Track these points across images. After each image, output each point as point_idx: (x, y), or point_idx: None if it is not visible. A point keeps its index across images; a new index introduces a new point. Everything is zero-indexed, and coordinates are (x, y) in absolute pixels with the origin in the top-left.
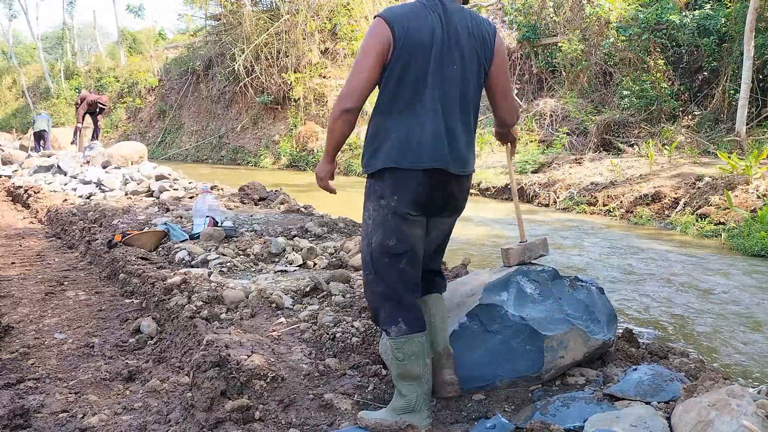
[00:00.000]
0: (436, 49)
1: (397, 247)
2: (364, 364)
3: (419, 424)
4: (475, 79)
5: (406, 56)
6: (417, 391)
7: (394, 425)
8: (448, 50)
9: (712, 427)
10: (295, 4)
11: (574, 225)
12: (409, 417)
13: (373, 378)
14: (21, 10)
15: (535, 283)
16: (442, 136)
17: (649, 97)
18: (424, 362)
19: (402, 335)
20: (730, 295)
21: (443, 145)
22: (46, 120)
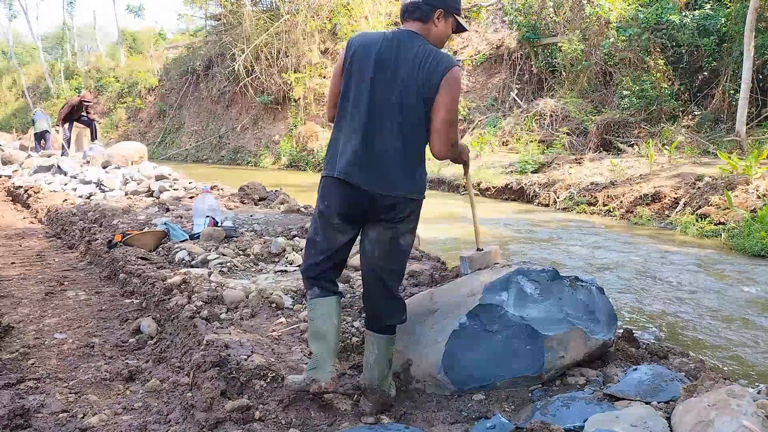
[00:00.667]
0: (376, 75)
1: (318, 243)
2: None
3: (321, 378)
4: (415, 112)
5: (348, 76)
6: (322, 348)
7: (302, 382)
8: (387, 79)
9: (712, 427)
10: (295, 4)
11: (574, 225)
12: (314, 372)
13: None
14: (21, 10)
15: (535, 283)
16: (356, 153)
17: (649, 97)
18: (331, 322)
19: (314, 298)
20: (730, 295)
21: (354, 161)
22: (46, 120)
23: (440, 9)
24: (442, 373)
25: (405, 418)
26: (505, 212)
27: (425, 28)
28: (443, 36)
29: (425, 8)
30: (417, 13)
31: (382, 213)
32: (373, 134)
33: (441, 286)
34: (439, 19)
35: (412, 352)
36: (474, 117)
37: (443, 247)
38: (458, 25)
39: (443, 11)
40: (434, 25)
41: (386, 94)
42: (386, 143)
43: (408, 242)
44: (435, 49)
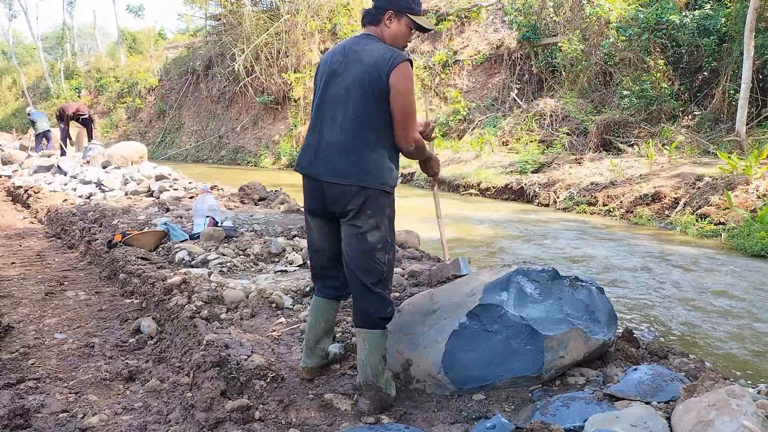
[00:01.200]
0: (327, 78)
1: (309, 241)
2: None
3: (302, 365)
4: (363, 104)
5: (316, 83)
6: (307, 340)
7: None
8: (336, 79)
9: (712, 427)
10: (295, 4)
11: (574, 225)
12: (301, 362)
13: None
14: (21, 10)
15: (535, 283)
16: (312, 147)
17: (649, 97)
18: (314, 317)
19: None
20: (730, 295)
21: (311, 155)
22: (45, 118)
23: (389, 10)
24: (442, 373)
25: (405, 418)
26: (506, 212)
27: (377, 30)
28: (398, 36)
29: (374, 12)
30: (368, 17)
31: (335, 205)
32: (324, 128)
33: (441, 286)
34: (390, 20)
35: (412, 352)
36: (474, 117)
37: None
38: (416, 24)
39: (393, 12)
40: (386, 26)
41: (336, 91)
42: (334, 135)
43: (377, 239)
44: (384, 46)
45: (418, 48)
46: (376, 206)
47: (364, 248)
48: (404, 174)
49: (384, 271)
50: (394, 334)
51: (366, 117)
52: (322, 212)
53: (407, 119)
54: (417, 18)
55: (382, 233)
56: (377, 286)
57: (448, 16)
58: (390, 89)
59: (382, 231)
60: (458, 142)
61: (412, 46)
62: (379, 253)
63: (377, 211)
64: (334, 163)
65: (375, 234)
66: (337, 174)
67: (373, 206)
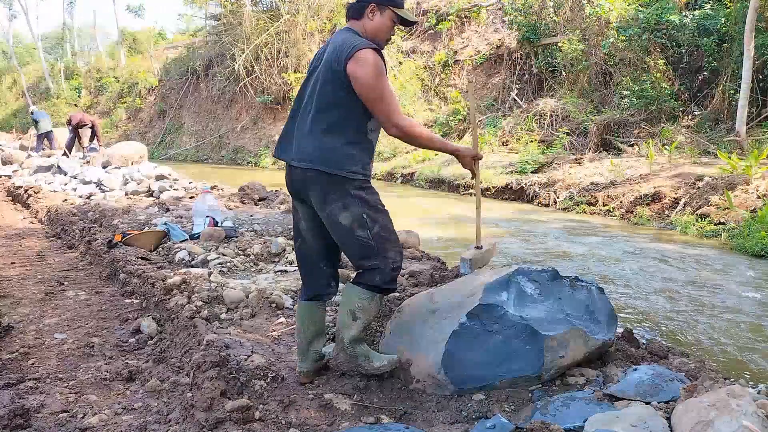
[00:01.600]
0: (308, 72)
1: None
2: None
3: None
4: (324, 92)
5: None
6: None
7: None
8: (314, 72)
9: (712, 427)
10: (295, 4)
11: (574, 225)
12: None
13: (373, 378)
14: (21, 10)
15: (535, 283)
16: (285, 134)
17: (649, 97)
18: (303, 321)
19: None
20: (730, 296)
21: (283, 141)
22: (48, 119)
23: (372, 3)
24: (442, 373)
25: (405, 418)
26: (506, 212)
27: (359, 24)
28: (381, 29)
29: (357, 5)
30: (351, 11)
31: (302, 189)
32: (297, 117)
33: (441, 286)
34: (372, 12)
35: (412, 352)
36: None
37: (443, 247)
38: (401, 18)
39: (375, 5)
40: (368, 19)
41: (311, 83)
42: (304, 122)
43: (350, 219)
44: (351, 36)
45: (418, 48)
46: (339, 191)
47: (342, 231)
48: (404, 174)
49: (372, 245)
50: (394, 334)
51: (327, 105)
52: (300, 199)
53: (376, 104)
54: (400, 11)
55: (353, 211)
56: (371, 260)
57: (448, 16)
58: (350, 78)
59: (353, 209)
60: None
61: (412, 46)
62: (360, 231)
63: (341, 195)
64: (299, 149)
65: (345, 214)
66: (301, 159)
67: (336, 191)
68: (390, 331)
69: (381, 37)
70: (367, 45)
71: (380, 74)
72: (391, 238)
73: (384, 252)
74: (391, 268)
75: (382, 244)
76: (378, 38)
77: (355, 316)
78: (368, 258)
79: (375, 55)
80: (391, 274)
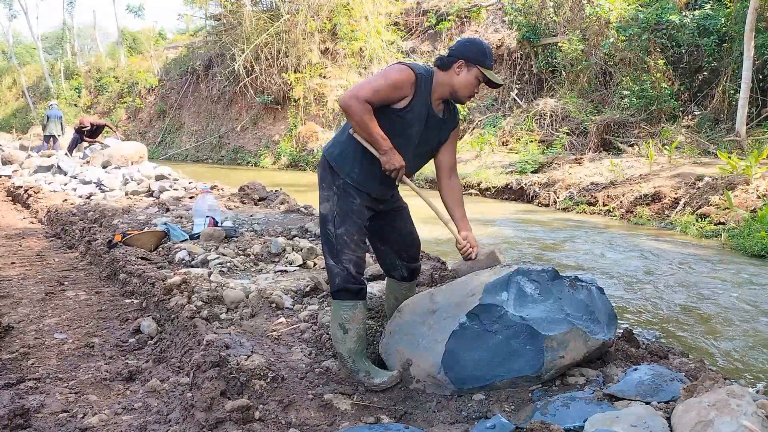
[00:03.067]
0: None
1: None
2: None
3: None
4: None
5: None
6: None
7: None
8: None
9: (712, 427)
10: (295, 4)
11: (574, 225)
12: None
13: None
14: (21, 10)
15: (535, 283)
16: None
17: (649, 97)
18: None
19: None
20: (729, 296)
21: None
22: (58, 119)
23: (460, 60)
24: (442, 373)
25: (405, 418)
26: (506, 212)
27: (445, 75)
28: (466, 85)
29: (446, 59)
30: (439, 62)
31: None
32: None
33: (441, 286)
34: (460, 68)
35: (412, 352)
36: (474, 117)
37: (443, 247)
38: (487, 79)
39: (464, 62)
40: (455, 73)
41: None
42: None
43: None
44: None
45: (418, 48)
46: (327, 182)
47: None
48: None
49: (327, 243)
50: (394, 333)
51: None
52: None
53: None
54: (487, 72)
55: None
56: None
57: (448, 16)
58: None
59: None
60: (458, 142)
61: (412, 46)
62: (323, 225)
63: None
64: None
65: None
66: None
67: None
68: (390, 331)
69: (463, 93)
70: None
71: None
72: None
73: (330, 255)
74: (344, 274)
75: (328, 247)
76: (460, 94)
77: (345, 329)
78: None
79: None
80: (339, 276)
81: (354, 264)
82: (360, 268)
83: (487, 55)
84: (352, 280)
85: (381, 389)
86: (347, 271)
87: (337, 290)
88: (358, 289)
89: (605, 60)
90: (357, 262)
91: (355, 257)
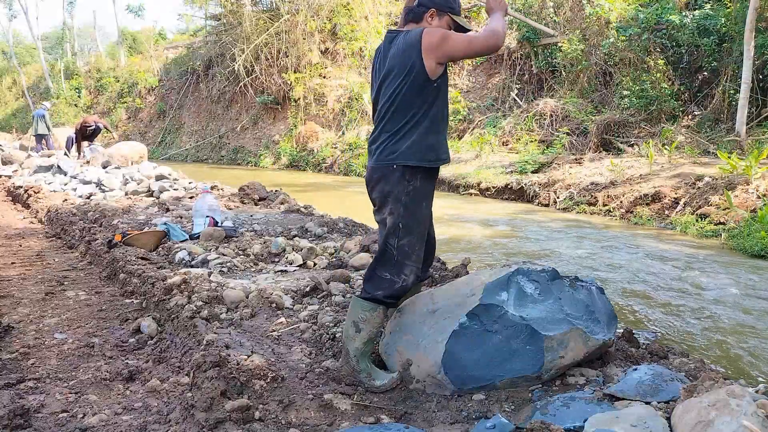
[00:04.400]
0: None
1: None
2: None
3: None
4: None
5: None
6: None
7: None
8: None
9: (712, 427)
10: (295, 4)
11: (574, 225)
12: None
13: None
14: (21, 10)
15: (535, 283)
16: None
17: (649, 97)
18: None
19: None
20: (729, 296)
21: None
22: (41, 117)
23: (432, 9)
24: (442, 373)
25: (405, 418)
26: (505, 212)
27: (417, 27)
28: None
29: (417, 10)
30: (411, 15)
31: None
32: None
33: (441, 286)
34: (432, 17)
35: (412, 352)
36: (474, 117)
37: (442, 247)
38: (457, 24)
39: (435, 11)
40: (427, 23)
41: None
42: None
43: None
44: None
45: None
46: (388, 190)
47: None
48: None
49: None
50: (394, 334)
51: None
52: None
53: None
54: (457, 18)
55: (393, 219)
56: (376, 263)
57: None
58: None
59: (393, 217)
60: (458, 142)
61: None
62: (390, 239)
63: (389, 195)
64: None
65: (389, 219)
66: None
67: (385, 190)
68: (390, 331)
69: None
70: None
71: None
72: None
73: (382, 264)
74: (400, 285)
75: (381, 254)
76: None
77: (358, 328)
78: (377, 258)
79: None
80: (398, 291)
81: (415, 275)
82: (416, 279)
83: (455, 0)
84: (403, 292)
85: (381, 391)
86: (406, 283)
87: (385, 296)
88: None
89: (605, 60)
90: (417, 272)
91: (417, 268)
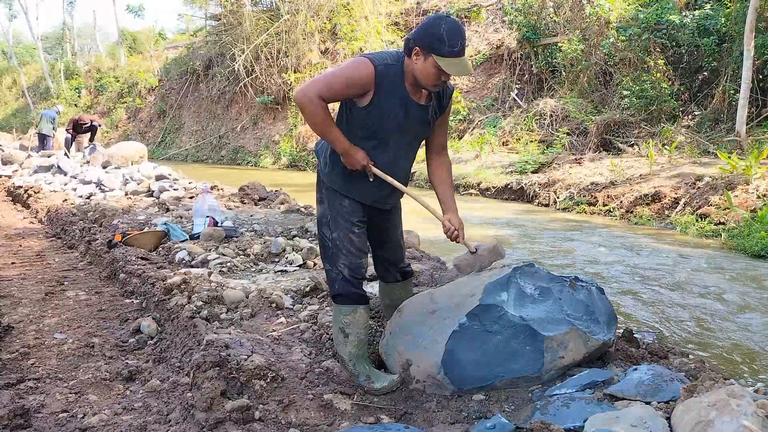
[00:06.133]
0: None
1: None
2: None
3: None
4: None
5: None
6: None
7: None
8: None
9: (712, 427)
10: (295, 4)
11: (573, 225)
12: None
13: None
14: (21, 10)
15: (535, 284)
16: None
17: (649, 97)
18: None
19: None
20: (729, 295)
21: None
22: (50, 119)
23: (416, 47)
24: (442, 373)
25: (405, 418)
26: (505, 212)
27: (408, 61)
28: (424, 74)
29: (405, 43)
30: (405, 47)
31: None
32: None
33: (441, 286)
34: (417, 56)
35: (412, 352)
36: (474, 117)
37: (443, 247)
38: (440, 69)
39: (419, 49)
40: (414, 62)
41: None
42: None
43: (317, 213)
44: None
45: None
46: (317, 177)
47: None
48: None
49: (323, 246)
50: (394, 334)
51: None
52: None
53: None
54: (441, 60)
55: (321, 208)
56: (324, 260)
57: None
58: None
59: (322, 207)
60: (458, 142)
61: None
62: (323, 228)
63: (316, 182)
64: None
65: (318, 208)
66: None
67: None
68: (390, 331)
69: (425, 83)
70: (364, 55)
71: (345, 66)
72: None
73: (325, 257)
74: (335, 276)
75: (324, 250)
76: (422, 83)
77: (345, 333)
78: (322, 254)
79: (358, 60)
80: (337, 281)
81: (349, 269)
82: (357, 273)
83: (443, 40)
84: (349, 286)
85: (381, 394)
86: (342, 276)
87: (335, 295)
88: (358, 296)
89: (605, 60)
90: (353, 267)
91: (350, 262)
